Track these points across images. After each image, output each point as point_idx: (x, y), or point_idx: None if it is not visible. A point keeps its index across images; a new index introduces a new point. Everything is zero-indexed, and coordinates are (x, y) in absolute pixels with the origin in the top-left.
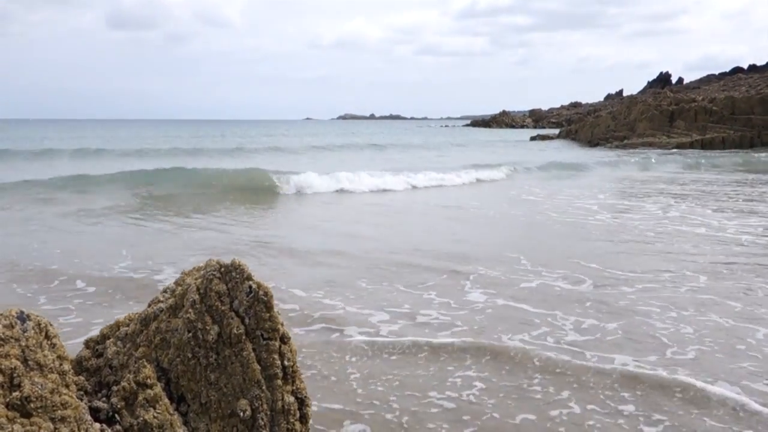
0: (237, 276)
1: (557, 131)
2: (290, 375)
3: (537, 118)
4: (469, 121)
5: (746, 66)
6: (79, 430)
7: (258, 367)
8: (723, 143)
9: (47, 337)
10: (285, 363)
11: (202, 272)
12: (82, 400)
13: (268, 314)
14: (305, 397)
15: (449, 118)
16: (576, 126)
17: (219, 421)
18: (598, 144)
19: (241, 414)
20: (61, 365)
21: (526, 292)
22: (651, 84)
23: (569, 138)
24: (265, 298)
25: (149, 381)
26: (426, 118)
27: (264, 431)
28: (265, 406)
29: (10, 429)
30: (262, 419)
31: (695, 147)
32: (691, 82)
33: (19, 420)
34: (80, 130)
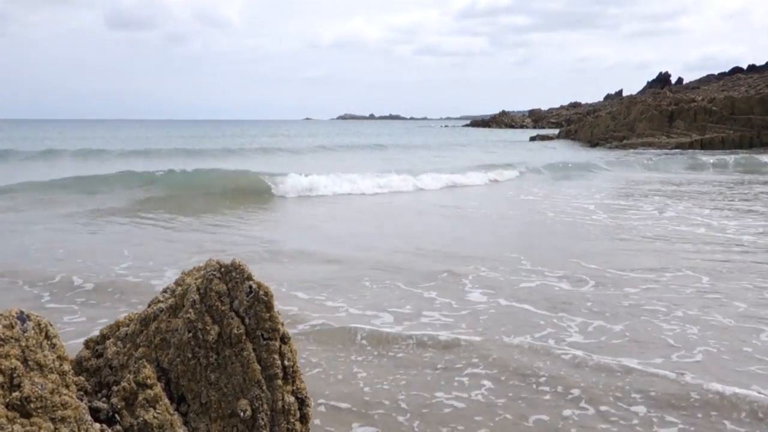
0: (237, 276)
1: (557, 131)
2: (290, 375)
3: (536, 119)
4: (469, 122)
5: (746, 66)
6: (80, 431)
7: (258, 367)
8: (722, 143)
9: (47, 338)
10: (285, 363)
11: (202, 272)
12: (82, 401)
13: (269, 314)
14: (305, 397)
15: (449, 118)
16: (575, 126)
17: (219, 421)
18: (598, 144)
19: (242, 414)
20: (61, 365)
21: (529, 293)
22: (650, 84)
23: (569, 138)
24: (266, 298)
25: (149, 381)
26: (426, 118)
27: (264, 431)
28: (266, 406)
29: (10, 429)
30: (263, 419)
31: (695, 147)
32: (691, 83)
33: (19, 420)
34: (81, 131)
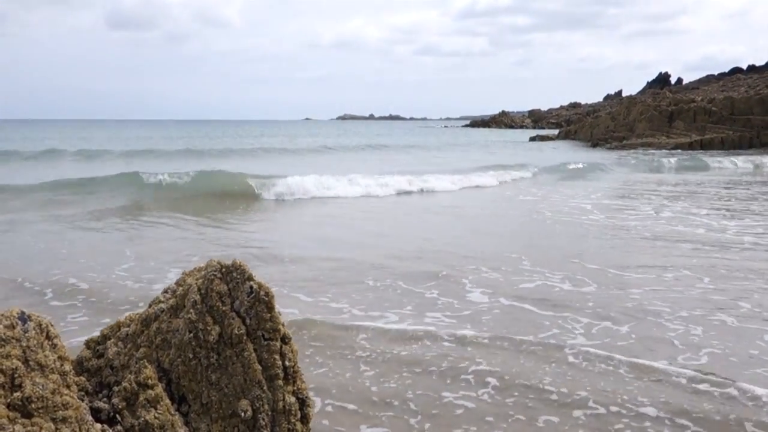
0: (238, 276)
1: (556, 131)
2: (291, 375)
3: (536, 119)
4: (469, 122)
5: (745, 66)
6: (81, 431)
7: (259, 368)
8: (722, 143)
9: (48, 338)
10: (286, 363)
11: (203, 273)
12: (83, 401)
13: (269, 314)
14: (306, 398)
15: (449, 119)
16: (575, 126)
17: (220, 422)
18: (597, 145)
19: (242, 414)
20: (62, 366)
21: (538, 294)
22: (650, 84)
23: (568, 138)
24: (266, 299)
25: (150, 381)
26: (425, 119)
27: (265, 431)
28: (266, 407)
29: (12, 429)
30: (263, 419)
31: (694, 147)
32: (690, 83)
33: (21, 420)
34: (81, 131)
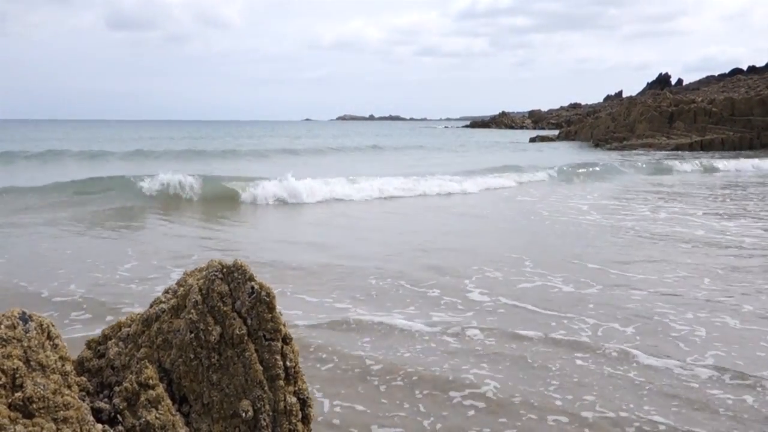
0: (239, 276)
1: (556, 132)
2: (292, 376)
3: (536, 119)
4: (469, 122)
5: (745, 67)
6: (82, 431)
7: (260, 368)
8: (722, 144)
9: (49, 338)
10: (287, 364)
11: (204, 273)
12: (84, 401)
13: (270, 315)
14: (307, 398)
15: (449, 119)
16: (575, 127)
17: (221, 422)
18: (598, 145)
19: (243, 415)
20: (63, 366)
21: (543, 294)
22: (650, 85)
23: (569, 139)
24: (267, 299)
25: (151, 382)
26: (425, 119)
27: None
28: (268, 407)
29: (13, 430)
30: (264, 420)
31: (695, 148)
32: (691, 84)
33: (22, 421)
34: (81, 131)
